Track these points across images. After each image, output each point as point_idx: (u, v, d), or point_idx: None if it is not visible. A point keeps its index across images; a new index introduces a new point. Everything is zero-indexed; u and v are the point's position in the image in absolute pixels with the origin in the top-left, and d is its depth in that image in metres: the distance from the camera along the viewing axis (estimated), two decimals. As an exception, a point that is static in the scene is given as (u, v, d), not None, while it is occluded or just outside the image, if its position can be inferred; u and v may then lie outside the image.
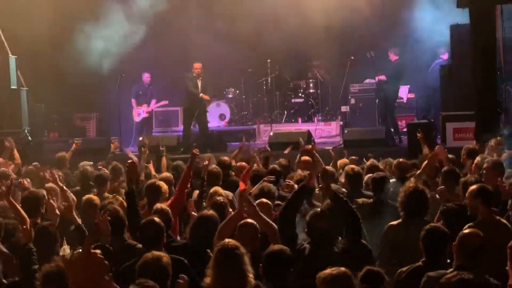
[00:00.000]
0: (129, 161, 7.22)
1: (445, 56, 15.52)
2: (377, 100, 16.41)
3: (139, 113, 17.22)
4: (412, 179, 7.58)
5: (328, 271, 4.34)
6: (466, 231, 5.12)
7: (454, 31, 14.43)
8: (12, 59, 15.87)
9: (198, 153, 8.50)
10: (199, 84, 15.50)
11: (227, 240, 4.98)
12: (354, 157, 10.82)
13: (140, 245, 5.73)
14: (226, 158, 10.00)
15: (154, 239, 5.44)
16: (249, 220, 5.70)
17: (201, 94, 15.36)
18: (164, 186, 7.54)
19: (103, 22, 16.51)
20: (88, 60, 16.62)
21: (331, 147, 14.52)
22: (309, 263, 5.29)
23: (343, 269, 4.34)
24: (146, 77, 17.22)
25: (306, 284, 5.09)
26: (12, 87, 15.81)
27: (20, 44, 15.97)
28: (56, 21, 16.86)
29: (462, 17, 13.98)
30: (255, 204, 6.03)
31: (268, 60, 17.63)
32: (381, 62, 16.17)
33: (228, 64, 17.62)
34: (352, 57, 16.51)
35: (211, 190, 7.62)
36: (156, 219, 5.63)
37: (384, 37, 16.87)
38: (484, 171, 7.67)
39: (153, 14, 16.75)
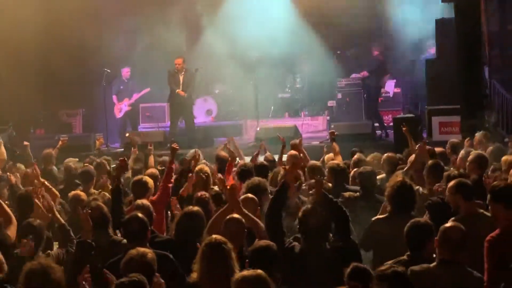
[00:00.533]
0: (120, 158, 7.22)
1: (433, 50, 15.62)
2: (364, 95, 16.48)
3: (121, 108, 16.77)
4: (399, 173, 7.60)
5: (244, 272, 4.37)
6: (448, 225, 5.13)
7: (439, 25, 14.49)
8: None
9: (177, 147, 8.45)
10: (181, 79, 15.35)
11: (214, 235, 5.00)
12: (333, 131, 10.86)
13: (125, 241, 5.72)
14: (224, 153, 9.95)
15: (139, 234, 5.43)
16: (235, 216, 5.69)
17: (177, 90, 15.26)
18: (151, 182, 7.53)
19: (91, 16, 16.47)
20: (75, 55, 16.59)
21: (319, 142, 14.57)
22: (300, 260, 5.29)
23: (259, 271, 4.34)
24: (125, 72, 16.79)
25: (297, 281, 5.13)
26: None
27: (5, 41, 15.88)
28: (43, 17, 16.74)
29: (447, 11, 14.06)
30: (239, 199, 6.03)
31: (255, 55, 17.55)
32: (365, 57, 16.25)
33: (215, 59, 17.59)
34: (339, 52, 16.58)
35: (197, 168, 7.64)
36: (140, 214, 5.62)
37: (370, 32, 16.91)
38: (467, 164, 7.71)
39: (139, 7, 16.68)
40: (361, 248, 5.89)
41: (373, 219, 6.33)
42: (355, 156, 9.54)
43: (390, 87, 17.48)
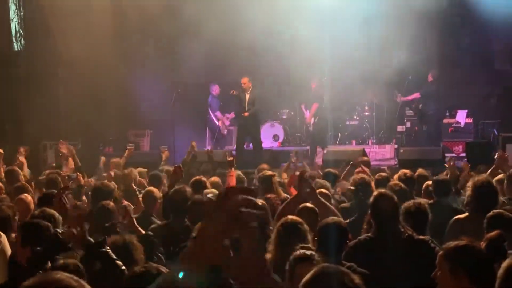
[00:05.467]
0: (175, 165, 7.32)
1: None
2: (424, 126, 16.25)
3: (226, 125, 17.60)
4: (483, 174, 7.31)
5: None
6: None
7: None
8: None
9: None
10: (246, 98, 15.39)
11: (290, 216, 4.86)
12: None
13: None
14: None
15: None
16: (309, 204, 5.55)
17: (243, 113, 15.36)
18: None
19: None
20: (145, 77, 16.82)
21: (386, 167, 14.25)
22: (375, 248, 5.05)
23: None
24: (217, 88, 17.27)
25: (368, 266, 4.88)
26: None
27: (82, 63, 16.20)
28: (117, 41, 17.01)
29: None
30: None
31: (325, 78, 17.30)
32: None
33: (284, 84, 17.48)
34: (410, 77, 16.27)
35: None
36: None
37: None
38: None
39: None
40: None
41: (453, 218, 6.06)
42: (418, 171, 9.24)
43: (461, 117, 17.06)
